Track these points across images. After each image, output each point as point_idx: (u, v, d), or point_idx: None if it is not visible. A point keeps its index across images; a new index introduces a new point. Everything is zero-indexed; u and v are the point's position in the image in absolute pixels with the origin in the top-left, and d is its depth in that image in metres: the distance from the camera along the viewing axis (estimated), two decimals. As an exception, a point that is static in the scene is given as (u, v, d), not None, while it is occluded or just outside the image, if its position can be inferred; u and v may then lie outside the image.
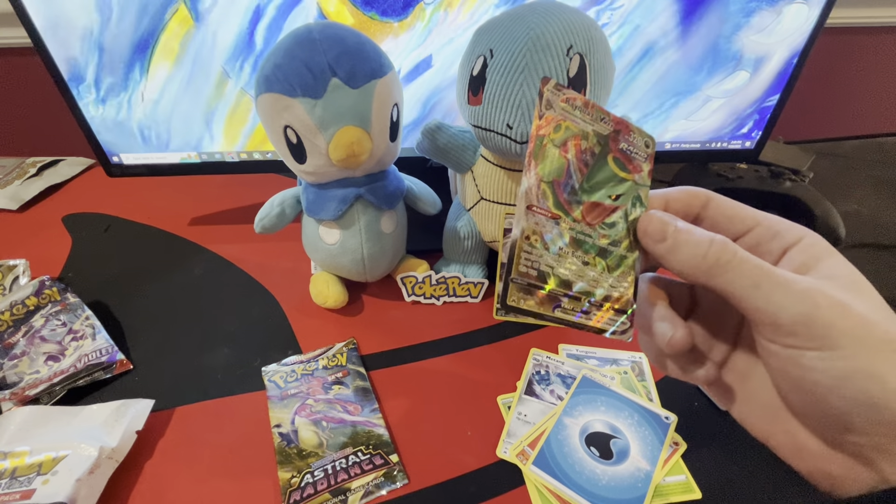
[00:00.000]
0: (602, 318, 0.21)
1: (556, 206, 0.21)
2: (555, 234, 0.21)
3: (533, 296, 0.20)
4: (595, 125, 0.22)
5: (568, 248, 0.21)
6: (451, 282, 0.50)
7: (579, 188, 0.21)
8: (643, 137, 0.23)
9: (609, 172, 0.22)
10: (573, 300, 0.20)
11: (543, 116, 0.21)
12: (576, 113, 0.22)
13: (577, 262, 0.21)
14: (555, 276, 0.20)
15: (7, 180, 0.71)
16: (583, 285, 0.21)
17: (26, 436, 0.36)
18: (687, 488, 0.34)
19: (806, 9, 0.49)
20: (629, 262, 0.22)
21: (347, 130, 0.38)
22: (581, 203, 0.21)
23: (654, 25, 0.49)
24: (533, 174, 0.21)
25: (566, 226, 0.21)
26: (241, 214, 0.66)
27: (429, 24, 0.48)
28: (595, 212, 0.21)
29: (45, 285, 0.48)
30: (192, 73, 0.50)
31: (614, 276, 0.21)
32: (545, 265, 0.20)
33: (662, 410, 0.39)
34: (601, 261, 0.21)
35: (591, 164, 0.22)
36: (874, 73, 1.03)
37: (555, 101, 0.22)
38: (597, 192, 0.22)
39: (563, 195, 0.21)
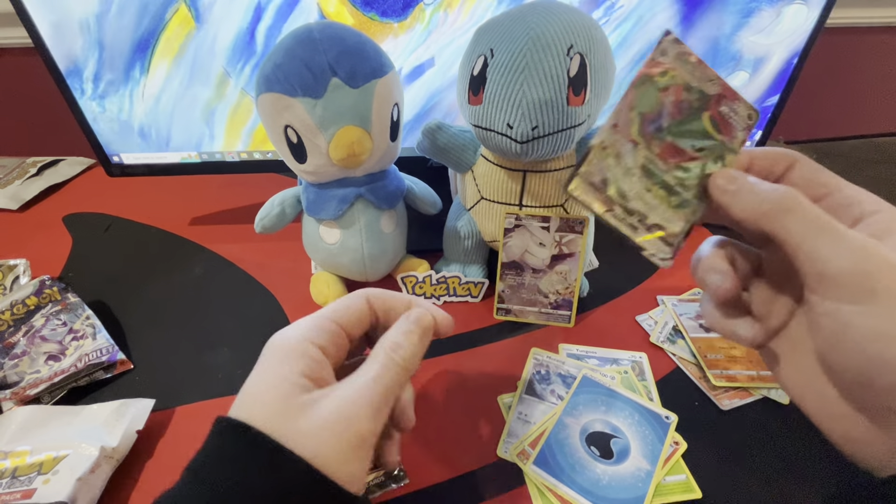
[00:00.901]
0: (647, 238, 0.23)
1: (638, 134, 0.23)
2: (628, 156, 0.23)
3: (592, 193, 0.22)
4: (701, 84, 0.23)
5: (636, 170, 0.23)
6: (451, 281, 0.51)
7: (666, 128, 0.23)
8: (748, 109, 0.24)
9: (700, 127, 0.23)
10: (626, 212, 0.23)
11: (655, 60, 0.23)
12: (686, 67, 0.23)
13: (641, 185, 0.23)
14: (616, 186, 0.23)
15: (7, 180, 0.71)
16: (639, 204, 0.23)
17: (27, 435, 0.36)
18: (687, 488, 0.35)
19: (805, 9, 0.49)
20: (691, 207, 0.23)
21: (348, 130, 0.38)
22: (663, 141, 0.23)
23: (654, 25, 0.49)
24: (627, 101, 0.23)
25: (642, 153, 0.23)
26: (241, 214, 0.66)
27: (428, 25, 0.48)
28: (674, 154, 0.23)
29: (45, 285, 0.48)
30: (193, 73, 0.50)
31: (671, 211, 0.23)
32: (611, 174, 0.23)
33: (663, 410, 0.39)
34: (664, 194, 0.23)
35: (684, 113, 0.23)
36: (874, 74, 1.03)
37: (670, 51, 0.23)
38: (681, 139, 0.23)
39: (648, 128, 0.23)
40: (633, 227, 0.23)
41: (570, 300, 0.47)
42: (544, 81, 0.35)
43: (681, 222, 0.23)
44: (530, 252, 0.46)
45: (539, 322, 0.49)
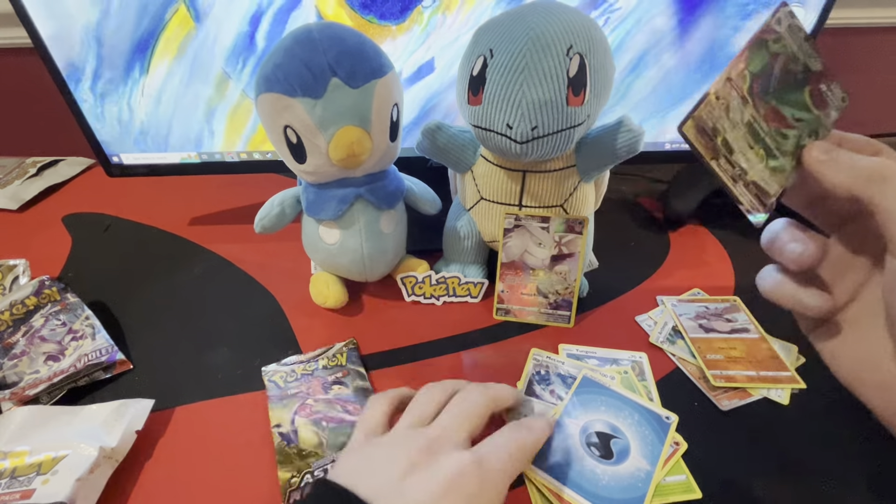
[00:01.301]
0: (745, 193, 0.24)
1: (748, 92, 0.24)
2: (737, 110, 0.24)
3: (702, 138, 0.23)
4: (807, 59, 0.25)
5: (742, 126, 0.24)
6: (451, 282, 0.51)
7: (771, 92, 0.24)
8: (843, 92, 0.25)
9: (801, 98, 0.24)
10: (729, 164, 0.24)
11: (770, 26, 0.24)
12: (796, 39, 0.24)
13: (744, 142, 0.24)
14: (724, 137, 0.23)
15: (7, 180, 0.71)
16: (741, 159, 0.24)
17: (26, 435, 0.36)
18: (687, 488, 0.34)
19: (803, 11, 0.49)
20: (784, 172, 0.24)
21: (347, 130, 0.38)
22: (768, 104, 0.24)
23: (652, 28, 0.49)
24: (742, 58, 0.24)
25: (749, 111, 0.24)
26: (241, 214, 0.66)
27: (426, 27, 0.48)
28: (775, 118, 0.24)
29: (44, 285, 0.48)
30: (193, 74, 0.50)
31: (767, 172, 0.24)
32: (720, 125, 0.23)
33: (663, 410, 0.39)
34: (763, 154, 0.24)
35: (789, 83, 0.24)
36: (874, 74, 1.03)
37: (784, 21, 0.24)
38: (784, 106, 0.24)
39: (756, 88, 0.24)
40: (734, 178, 0.24)
41: (569, 300, 0.47)
42: (544, 82, 0.35)
43: (775, 184, 0.24)
44: (530, 252, 0.46)
45: (539, 322, 0.49)
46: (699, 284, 0.53)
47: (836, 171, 0.22)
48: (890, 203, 0.20)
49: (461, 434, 0.29)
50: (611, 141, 0.41)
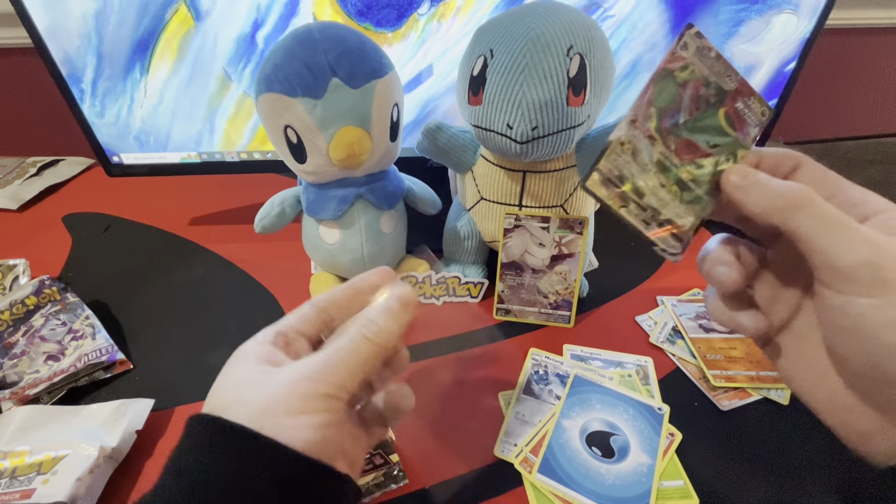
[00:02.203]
0: (659, 233, 0.23)
1: (655, 130, 0.23)
2: (645, 151, 0.23)
3: (608, 189, 0.23)
4: (719, 79, 0.24)
5: (652, 167, 0.23)
6: (450, 282, 0.51)
7: (682, 125, 0.23)
8: (762, 106, 0.24)
9: (715, 123, 0.24)
10: (640, 208, 0.23)
11: (676, 54, 0.23)
12: (706, 62, 0.24)
13: (655, 181, 0.23)
14: (632, 182, 0.23)
15: (7, 180, 0.71)
16: (653, 200, 0.23)
17: (26, 435, 0.36)
18: (684, 493, 0.34)
19: (795, 19, 0.49)
20: (702, 203, 0.24)
21: (348, 130, 0.38)
22: (679, 137, 0.23)
23: (645, 35, 0.49)
24: (647, 96, 0.23)
25: (658, 149, 0.23)
26: (241, 214, 0.66)
27: (422, 34, 0.48)
28: (688, 150, 0.23)
29: (44, 285, 0.48)
30: (193, 74, 0.50)
31: (682, 207, 0.23)
32: (627, 171, 0.23)
33: (655, 402, 0.39)
34: (677, 190, 0.23)
35: (701, 109, 0.24)
36: (874, 74, 1.03)
37: (691, 45, 0.23)
38: (697, 134, 0.23)
39: (665, 123, 0.23)
40: (646, 222, 0.23)
41: (569, 300, 0.47)
42: (544, 82, 0.35)
43: (691, 217, 0.24)
44: (530, 252, 0.46)
45: (539, 322, 0.49)
46: (699, 284, 0.53)
47: (754, 200, 0.22)
48: (806, 231, 0.20)
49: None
50: (611, 141, 0.41)
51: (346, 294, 0.27)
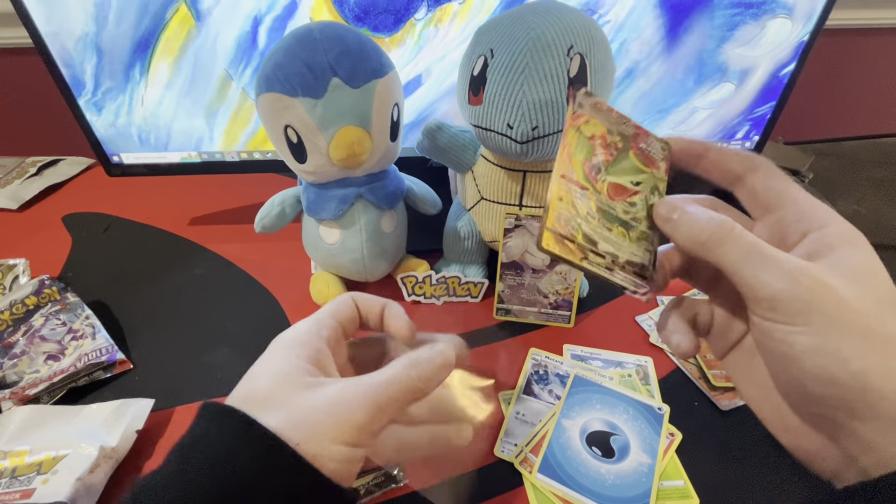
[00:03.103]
0: (623, 277, 0.24)
1: (584, 179, 0.24)
2: (582, 201, 0.24)
3: (564, 245, 0.23)
4: (618, 127, 0.25)
5: (595, 213, 0.24)
6: (451, 282, 0.51)
7: (604, 170, 0.24)
8: (659, 143, 0.26)
9: (631, 164, 0.25)
10: (598, 256, 0.23)
11: (575, 113, 0.25)
12: (601, 115, 0.25)
13: (602, 227, 0.24)
14: (582, 232, 0.23)
15: (7, 180, 0.71)
16: (607, 246, 0.24)
17: (26, 435, 0.36)
18: (684, 493, 0.34)
19: (790, 23, 0.49)
20: (648, 237, 0.24)
21: (348, 130, 0.38)
22: (606, 181, 0.24)
23: (642, 40, 0.49)
24: (566, 153, 0.24)
25: (593, 196, 0.24)
26: (241, 214, 0.66)
27: (419, 40, 0.48)
28: (618, 191, 0.24)
29: (44, 284, 0.48)
30: (194, 74, 0.50)
31: (634, 245, 0.24)
32: (574, 223, 0.23)
33: (655, 402, 0.39)
34: (623, 231, 0.24)
35: (615, 155, 0.25)
36: (874, 75, 1.03)
37: (585, 104, 0.25)
38: (619, 176, 0.25)
39: (590, 172, 0.24)
40: (609, 268, 0.23)
41: (569, 300, 0.47)
42: (544, 82, 0.35)
43: (645, 253, 0.24)
44: (530, 252, 0.46)
45: (539, 322, 0.49)
46: (699, 285, 0.53)
47: (681, 234, 0.22)
48: (730, 265, 0.20)
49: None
50: (611, 141, 0.41)
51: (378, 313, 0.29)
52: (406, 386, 0.23)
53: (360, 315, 0.29)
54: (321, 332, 0.25)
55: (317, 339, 0.25)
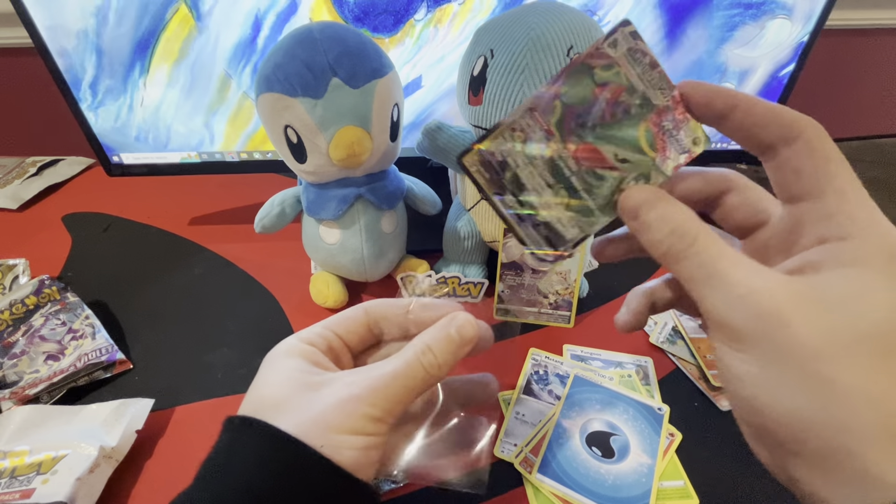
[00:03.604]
0: (531, 234, 0.21)
1: (556, 125, 0.20)
2: (538, 144, 0.21)
3: (486, 172, 0.21)
4: (649, 90, 0.20)
5: (542, 163, 0.21)
6: (450, 282, 0.50)
7: (590, 127, 0.20)
8: (695, 133, 0.21)
9: (632, 136, 0.20)
10: (516, 202, 0.21)
11: (600, 50, 0.20)
12: (636, 67, 0.20)
13: (542, 180, 0.21)
14: (514, 172, 0.21)
15: (7, 180, 0.71)
16: (533, 198, 0.21)
17: (26, 435, 0.36)
18: (684, 493, 0.34)
19: (789, 24, 0.49)
20: (592, 218, 0.21)
21: (348, 130, 0.38)
22: (583, 140, 0.20)
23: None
24: (555, 88, 0.20)
25: (554, 146, 0.21)
26: (241, 214, 0.66)
27: (418, 41, 0.48)
28: (591, 156, 0.21)
29: (44, 284, 0.48)
30: (194, 74, 0.50)
31: (567, 215, 0.21)
32: (512, 160, 0.21)
33: (655, 402, 0.39)
34: (565, 195, 0.21)
35: (618, 118, 0.20)
36: (874, 75, 1.03)
37: (622, 44, 0.20)
38: (605, 143, 0.21)
39: (570, 122, 0.20)
40: (519, 217, 0.21)
41: (569, 301, 0.47)
42: (544, 82, 0.35)
43: (575, 229, 0.21)
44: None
45: (539, 322, 0.49)
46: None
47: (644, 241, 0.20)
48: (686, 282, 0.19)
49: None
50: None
51: (402, 313, 0.26)
52: (419, 375, 0.22)
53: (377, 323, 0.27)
54: (311, 339, 0.25)
55: (307, 346, 0.24)
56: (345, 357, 0.26)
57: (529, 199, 0.21)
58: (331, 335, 0.25)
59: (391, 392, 0.22)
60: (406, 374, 0.22)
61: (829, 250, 0.17)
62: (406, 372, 0.22)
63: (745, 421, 0.20)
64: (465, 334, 0.23)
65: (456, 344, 0.23)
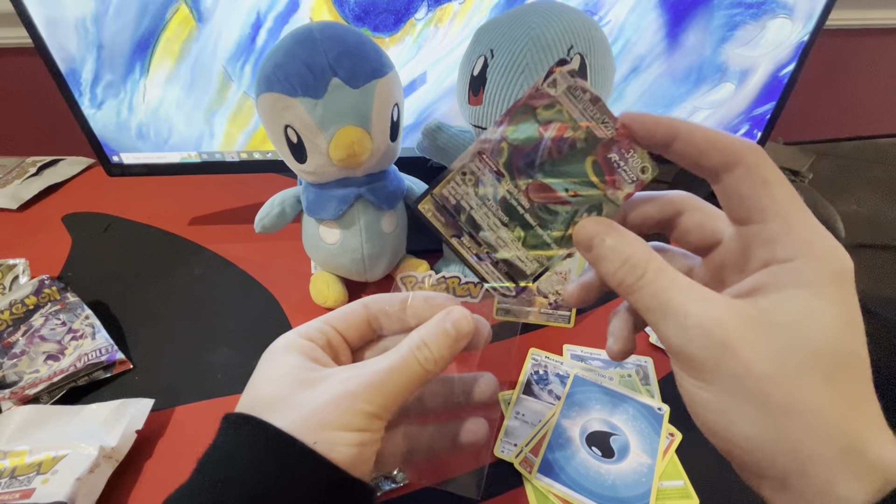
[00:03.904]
0: (492, 271, 0.22)
1: (505, 166, 0.21)
2: (489, 186, 0.21)
3: (442, 216, 0.22)
4: (593, 125, 0.21)
5: (495, 203, 0.21)
6: (450, 282, 0.50)
7: (538, 165, 0.21)
8: (643, 162, 0.21)
9: (580, 171, 0.21)
10: (474, 242, 0.22)
11: (540, 90, 0.21)
12: (577, 104, 0.21)
13: (496, 219, 0.21)
14: (469, 214, 0.22)
15: (7, 180, 0.71)
16: (490, 236, 0.22)
17: (26, 435, 0.36)
18: (684, 493, 0.34)
19: (790, 23, 0.49)
20: (549, 251, 0.22)
21: (348, 130, 0.38)
22: (532, 178, 0.21)
23: (642, 40, 0.49)
24: (500, 130, 0.21)
25: (506, 186, 0.21)
26: (241, 214, 0.66)
27: (418, 39, 0.48)
28: (542, 193, 0.21)
29: (44, 284, 0.48)
30: (194, 74, 0.50)
31: (523, 251, 0.22)
32: (465, 203, 0.21)
33: (655, 402, 0.39)
34: (520, 232, 0.22)
35: (564, 153, 0.21)
36: (874, 75, 1.03)
37: (561, 84, 0.21)
38: (555, 179, 0.21)
39: (518, 162, 0.21)
40: (479, 256, 0.22)
41: (569, 300, 0.47)
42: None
43: (533, 264, 0.22)
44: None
45: (539, 322, 0.49)
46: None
47: (601, 272, 0.20)
48: (642, 312, 0.19)
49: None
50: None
51: (401, 308, 0.26)
52: (414, 371, 0.22)
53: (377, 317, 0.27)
54: (309, 335, 0.25)
55: (305, 341, 0.24)
56: (343, 352, 0.26)
57: (487, 238, 0.22)
58: (330, 330, 0.25)
59: (387, 388, 0.22)
60: (402, 370, 0.22)
61: (775, 273, 0.18)
62: (402, 367, 0.22)
63: (713, 443, 0.20)
64: (461, 329, 0.23)
65: (452, 338, 0.23)
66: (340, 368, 0.23)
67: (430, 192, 0.21)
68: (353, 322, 0.26)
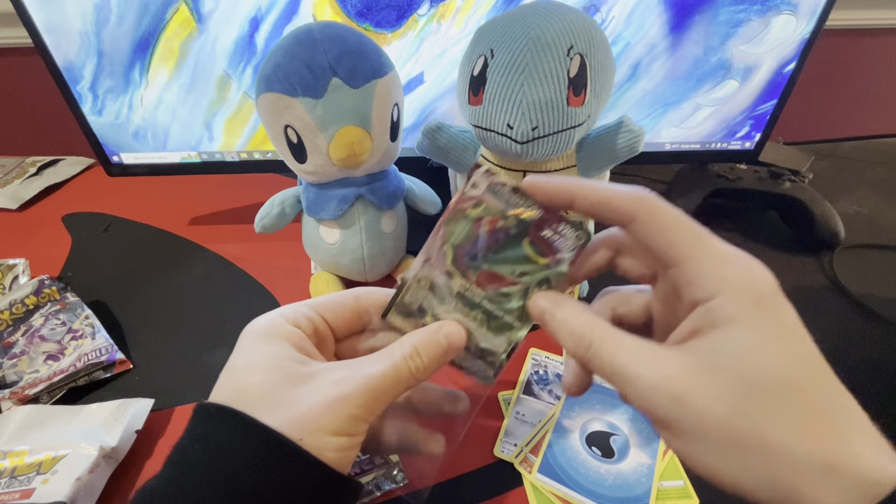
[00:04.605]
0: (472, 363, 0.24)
1: (452, 264, 0.23)
2: (443, 286, 0.23)
3: (410, 321, 0.23)
4: (517, 211, 0.22)
5: (452, 298, 0.23)
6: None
7: (481, 258, 0.23)
8: (576, 231, 0.22)
9: (520, 253, 0.23)
10: None
11: (465, 195, 0.23)
12: (500, 197, 0.22)
13: (458, 313, 0.23)
14: (433, 313, 0.23)
15: (7, 179, 0.71)
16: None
17: (26, 435, 0.36)
18: (684, 493, 0.34)
19: (794, 20, 0.49)
20: (512, 330, 0.23)
21: (348, 130, 0.38)
22: (479, 270, 0.23)
23: (645, 38, 0.49)
24: (440, 236, 0.23)
25: (458, 282, 0.23)
26: (241, 214, 0.66)
27: (420, 34, 0.48)
28: (492, 281, 0.23)
29: (44, 284, 0.48)
30: (194, 74, 0.50)
31: (490, 334, 0.23)
32: (427, 304, 0.23)
33: None
34: (483, 318, 0.23)
35: (501, 242, 0.23)
36: (874, 75, 1.03)
37: (480, 184, 0.23)
38: (500, 266, 0.23)
39: (462, 259, 0.23)
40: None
41: (569, 300, 0.47)
42: (544, 82, 0.35)
43: (503, 344, 0.23)
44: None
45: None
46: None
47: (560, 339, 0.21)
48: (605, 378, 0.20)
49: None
50: (611, 141, 0.41)
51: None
52: (404, 379, 0.22)
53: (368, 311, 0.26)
54: (298, 321, 0.24)
55: (290, 326, 0.24)
56: (328, 342, 0.26)
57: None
58: (317, 318, 0.25)
59: (378, 393, 0.22)
60: (394, 377, 0.22)
61: (702, 314, 0.18)
62: (394, 374, 0.22)
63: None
64: (453, 342, 0.24)
65: (443, 350, 0.23)
66: (331, 366, 0.23)
67: (394, 304, 0.23)
68: (342, 312, 0.26)
